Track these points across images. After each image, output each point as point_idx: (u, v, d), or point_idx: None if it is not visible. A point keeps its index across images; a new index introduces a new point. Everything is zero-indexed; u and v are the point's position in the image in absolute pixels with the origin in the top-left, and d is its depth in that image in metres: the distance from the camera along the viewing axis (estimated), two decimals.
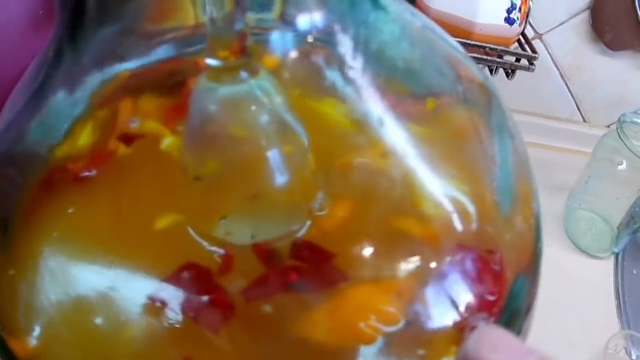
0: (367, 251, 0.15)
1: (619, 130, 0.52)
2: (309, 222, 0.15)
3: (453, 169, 0.16)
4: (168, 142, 0.16)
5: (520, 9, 0.43)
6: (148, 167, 0.16)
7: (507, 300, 0.15)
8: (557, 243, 0.59)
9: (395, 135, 0.16)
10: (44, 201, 0.16)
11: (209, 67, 0.13)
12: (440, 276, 0.14)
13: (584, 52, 0.69)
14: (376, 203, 0.15)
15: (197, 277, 0.14)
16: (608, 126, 0.74)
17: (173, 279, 0.14)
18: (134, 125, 0.17)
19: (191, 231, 0.15)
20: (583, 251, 0.58)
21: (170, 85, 0.17)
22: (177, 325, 0.14)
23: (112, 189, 0.16)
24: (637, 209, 0.54)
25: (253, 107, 0.14)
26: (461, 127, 0.18)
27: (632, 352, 0.47)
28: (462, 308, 0.14)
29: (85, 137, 0.17)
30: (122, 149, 0.16)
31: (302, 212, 0.15)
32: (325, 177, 0.15)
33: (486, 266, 0.15)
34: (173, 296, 0.14)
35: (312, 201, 0.15)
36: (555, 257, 0.57)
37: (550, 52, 0.69)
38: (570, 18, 0.67)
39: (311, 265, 0.14)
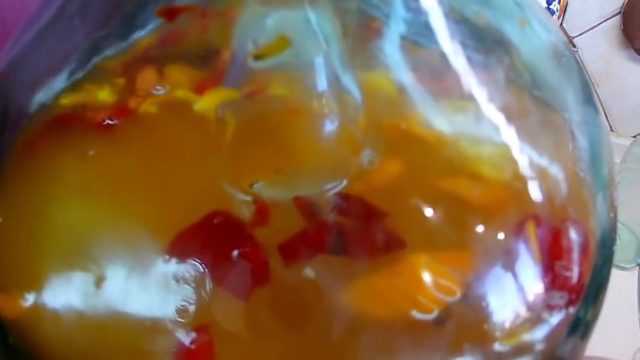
0: (423, 214, 0.13)
1: None
2: (350, 177, 0.13)
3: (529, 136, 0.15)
4: (201, 104, 0.15)
5: (560, 0, 0.42)
6: (177, 124, 0.15)
7: (592, 278, 0.13)
8: None
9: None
10: (49, 145, 0.15)
11: None
12: (508, 249, 0.13)
13: (614, 58, 0.67)
14: (431, 164, 0.14)
15: (226, 225, 0.12)
16: (634, 136, 0.72)
17: (199, 227, 0.12)
18: (160, 93, 0.15)
19: (224, 184, 0.13)
20: None
21: (202, 55, 0.15)
22: (195, 287, 0.12)
23: (140, 139, 0.15)
24: None
25: (307, 42, 0.12)
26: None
27: None
28: (533, 286, 0.13)
29: (104, 95, 0.15)
30: (145, 107, 0.15)
31: (347, 165, 0.13)
32: (376, 137, 0.14)
33: (565, 238, 0.13)
34: (194, 249, 0.12)
35: (358, 155, 0.13)
36: None
37: (580, 56, 0.67)
38: (602, 22, 0.65)
39: (359, 224, 0.12)
